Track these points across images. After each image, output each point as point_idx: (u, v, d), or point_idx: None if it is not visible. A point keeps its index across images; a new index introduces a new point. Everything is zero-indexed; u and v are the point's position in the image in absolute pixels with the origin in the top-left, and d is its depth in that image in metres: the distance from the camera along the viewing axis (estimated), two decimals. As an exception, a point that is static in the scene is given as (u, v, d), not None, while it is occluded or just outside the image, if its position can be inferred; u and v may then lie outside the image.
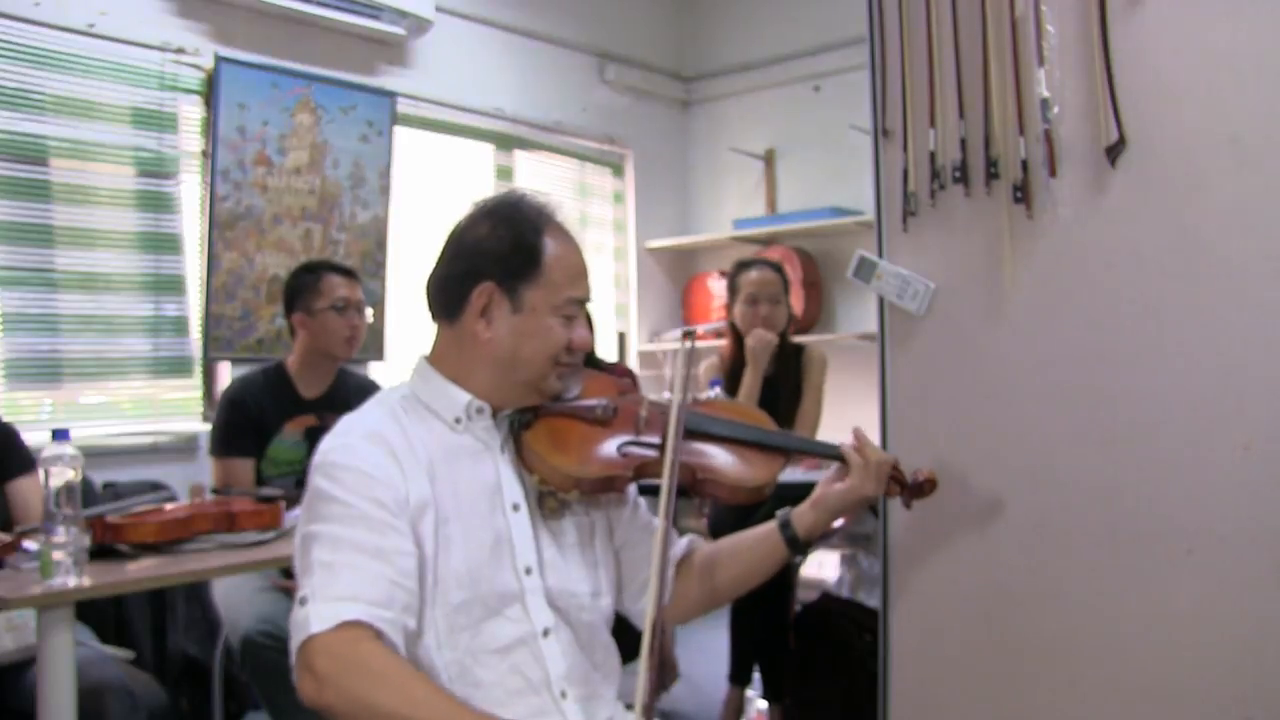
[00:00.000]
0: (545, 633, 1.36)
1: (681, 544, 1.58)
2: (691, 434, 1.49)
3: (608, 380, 1.54)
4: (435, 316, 1.44)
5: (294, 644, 1.20)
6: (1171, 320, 1.72)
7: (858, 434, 1.57)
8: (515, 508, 1.39)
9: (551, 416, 1.44)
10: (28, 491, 2.33)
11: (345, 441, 1.32)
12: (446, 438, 1.38)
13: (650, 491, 1.48)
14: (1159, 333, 1.73)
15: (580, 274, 1.42)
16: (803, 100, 4.96)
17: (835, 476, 1.55)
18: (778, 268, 3.38)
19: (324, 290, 2.83)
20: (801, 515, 1.50)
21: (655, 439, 1.46)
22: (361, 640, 1.18)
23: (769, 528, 1.52)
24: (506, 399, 1.42)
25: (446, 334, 1.43)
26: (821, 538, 3.34)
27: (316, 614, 1.18)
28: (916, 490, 1.61)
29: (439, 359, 1.43)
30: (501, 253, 1.38)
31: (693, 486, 1.47)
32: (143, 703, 2.15)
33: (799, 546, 1.50)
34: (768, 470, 1.49)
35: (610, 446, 1.44)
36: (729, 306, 3.38)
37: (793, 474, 2.66)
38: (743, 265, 3.40)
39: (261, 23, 3.65)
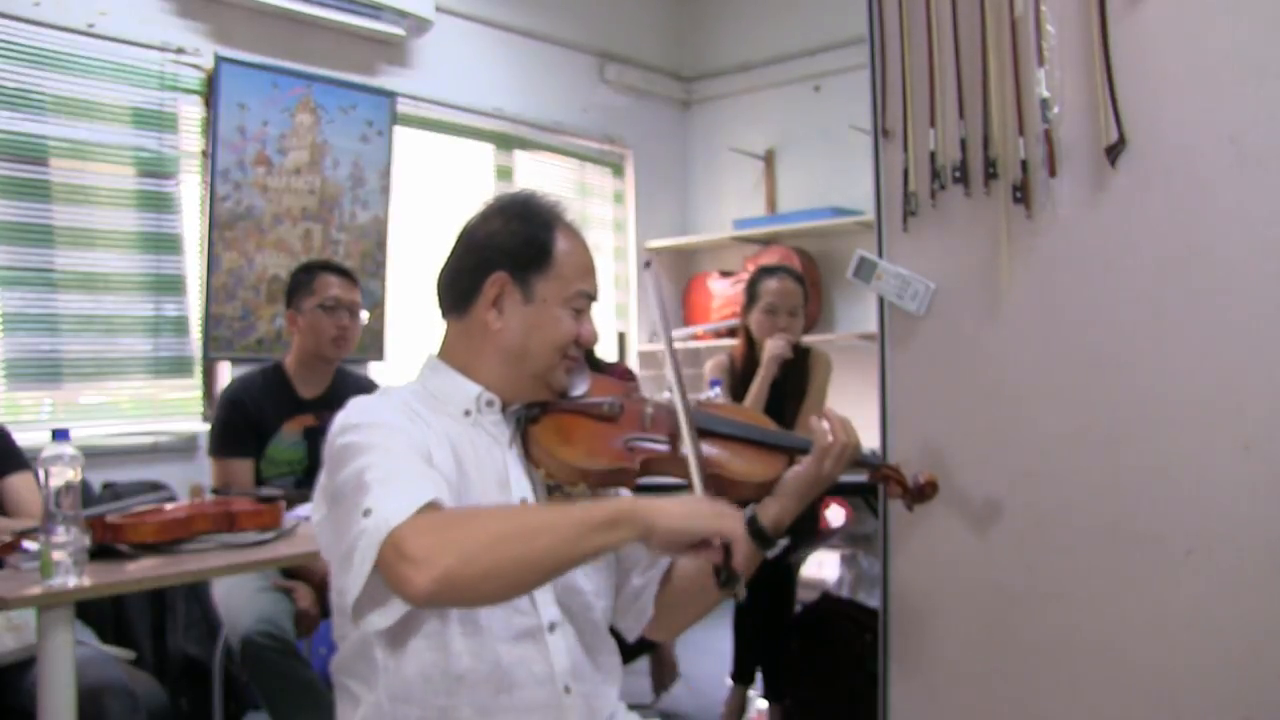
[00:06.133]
0: (551, 627, 1.36)
1: (664, 559, 1.57)
2: (698, 432, 1.49)
3: (613, 382, 1.56)
4: (445, 312, 1.46)
5: (368, 551, 1.15)
6: (1171, 320, 1.72)
7: (827, 413, 1.53)
8: (523, 502, 1.39)
9: (558, 413, 1.45)
10: (22, 488, 2.33)
11: (364, 404, 1.34)
12: (461, 430, 1.39)
13: (640, 492, 1.48)
14: (1159, 332, 1.73)
15: (589, 270, 1.45)
16: (803, 100, 4.96)
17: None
18: (799, 278, 3.34)
19: (316, 289, 2.83)
20: (765, 507, 1.49)
21: (662, 435, 1.47)
22: (436, 513, 1.17)
23: None
24: (515, 392, 1.43)
25: (456, 328, 1.44)
26: (813, 535, 3.30)
27: (391, 511, 1.16)
28: (918, 494, 1.61)
29: (448, 353, 1.45)
30: (514, 245, 1.41)
31: (701, 483, 1.46)
32: (143, 703, 2.15)
33: (766, 540, 1.48)
34: (772, 467, 1.49)
35: (618, 441, 1.45)
36: (744, 311, 3.35)
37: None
38: (765, 272, 3.36)
39: (261, 23, 3.65)
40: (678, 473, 1.43)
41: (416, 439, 1.30)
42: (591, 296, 1.44)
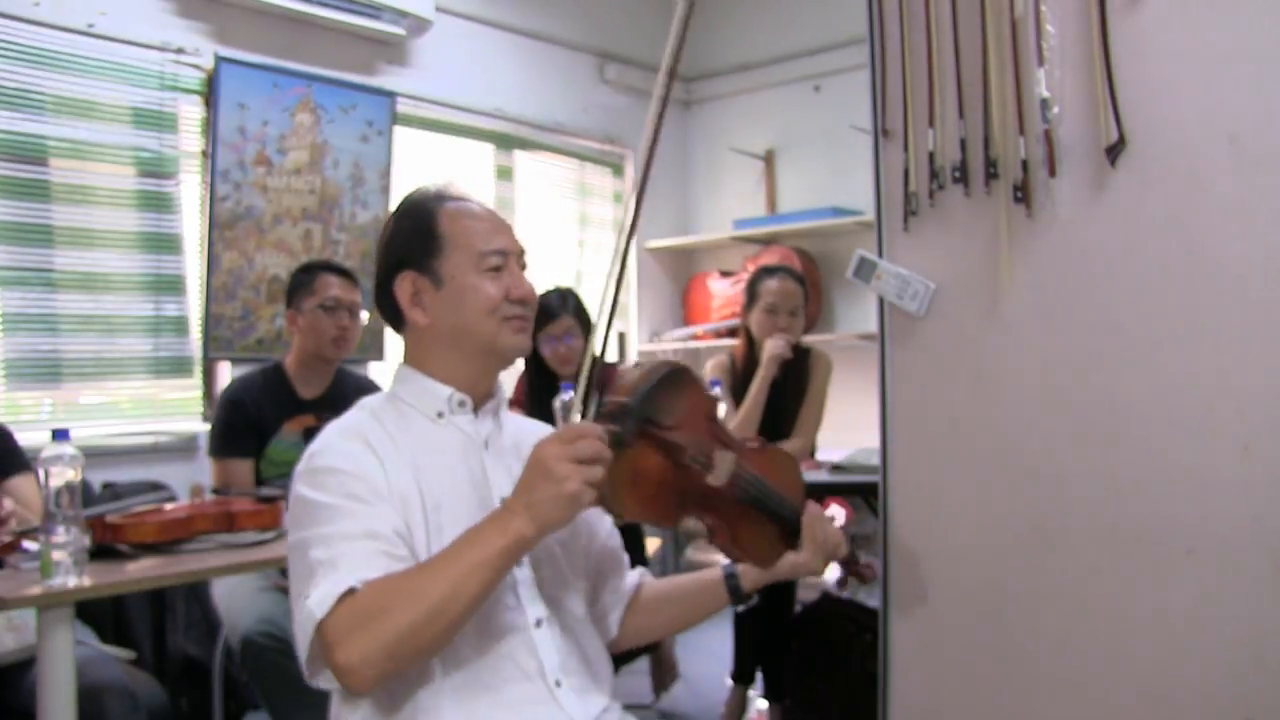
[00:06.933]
0: (538, 623, 1.37)
1: (632, 578, 1.59)
2: (751, 499, 1.43)
3: (704, 401, 1.43)
4: (394, 330, 1.49)
5: (306, 640, 1.21)
6: (1171, 320, 1.72)
7: (818, 510, 1.52)
8: (503, 501, 1.39)
9: (651, 445, 1.30)
10: (24, 490, 2.33)
11: (322, 443, 1.36)
12: (429, 433, 1.40)
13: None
14: (1159, 332, 1.73)
15: (490, 230, 1.43)
16: (803, 100, 4.97)
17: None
18: (800, 278, 3.35)
19: (316, 289, 2.83)
20: (748, 573, 1.53)
21: (715, 514, 1.39)
22: (353, 603, 1.20)
23: (715, 577, 1.54)
24: (476, 379, 1.43)
25: (405, 339, 1.48)
26: None
27: (317, 602, 1.20)
28: (858, 575, 1.64)
29: (410, 361, 1.47)
30: (405, 242, 1.43)
31: (710, 538, 1.43)
32: (143, 703, 2.15)
33: (740, 598, 1.53)
34: (778, 552, 1.49)
35: (676, 505, 1.35)
36: (745, 310, 3.35)
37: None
38: (766, 272, 3.36)
39: (261, 23, 3.65)
40: (714, 542, 1.42)
41: (373, 480, 1.30)
42: (504, 253, 1.42)
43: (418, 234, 1.42)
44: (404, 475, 1.33)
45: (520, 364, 3.19)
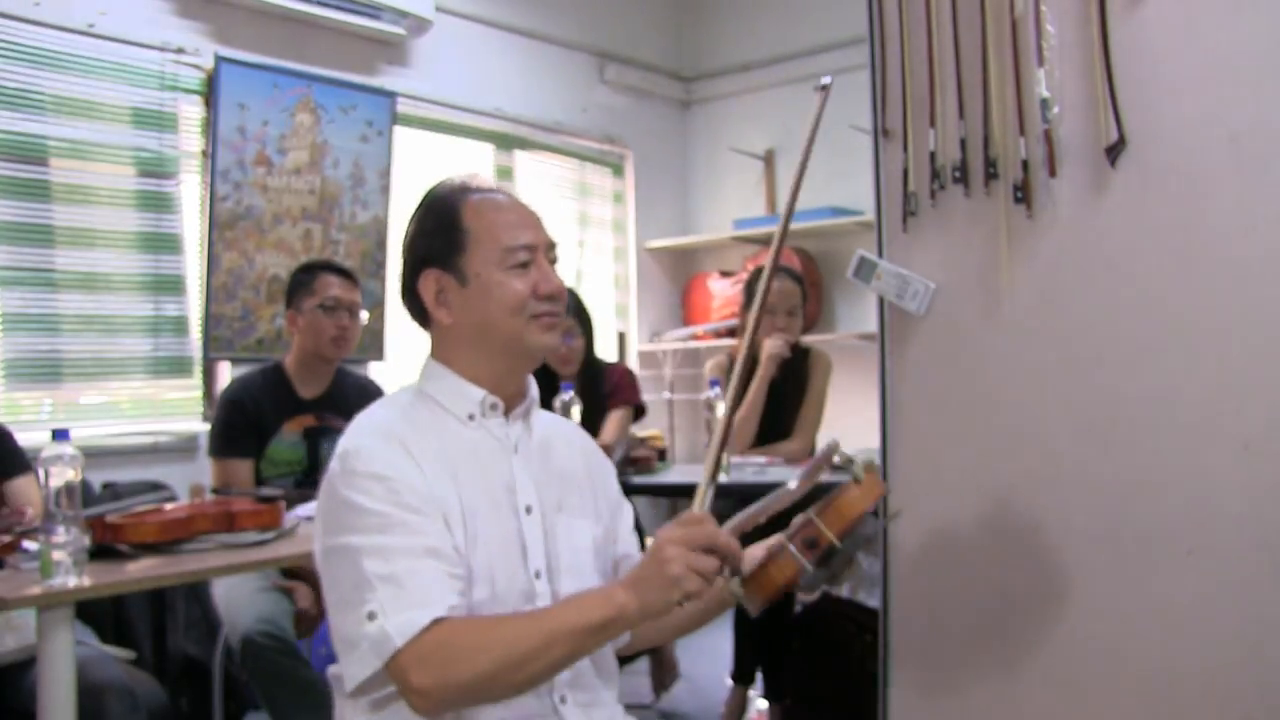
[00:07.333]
0: None
1: None
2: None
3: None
4: (421, 327, 1.45)
5: (370, 656, 1.20)
6: (1171, 320, 1.72)
7: None
8: (528, 510, 1.38)
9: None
10: (25, 491, 2.33)
11: (359, 444, 1.31)
12: (460, 434, 1.37)
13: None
14: (1159, 332, 1.73)
15: (516, 224, 1.39)
16: (803, 100, 4.95)
17: None
18: (799, 279, 3.36)
19: (317, 289, 2.83)
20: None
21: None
22: (441, 632, 1.20)
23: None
24: (502, 378, 1.40)
25: (432, 336, 1.44)
26: None
27: (395, 627, 1.19)
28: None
29: (437, 357, 1.44)
30: (429, 240, 1.39)
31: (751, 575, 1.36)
32: (143, 703, 2.15)
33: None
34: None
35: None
36: (744, 310, 3.37)
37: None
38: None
39: (261, 23, 3.66)
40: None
41: (418, 488, 1.28)
42: (532, 247, 1.38)
43: (441, 230, 1.38)
44: (442, 480, 1.30)
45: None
